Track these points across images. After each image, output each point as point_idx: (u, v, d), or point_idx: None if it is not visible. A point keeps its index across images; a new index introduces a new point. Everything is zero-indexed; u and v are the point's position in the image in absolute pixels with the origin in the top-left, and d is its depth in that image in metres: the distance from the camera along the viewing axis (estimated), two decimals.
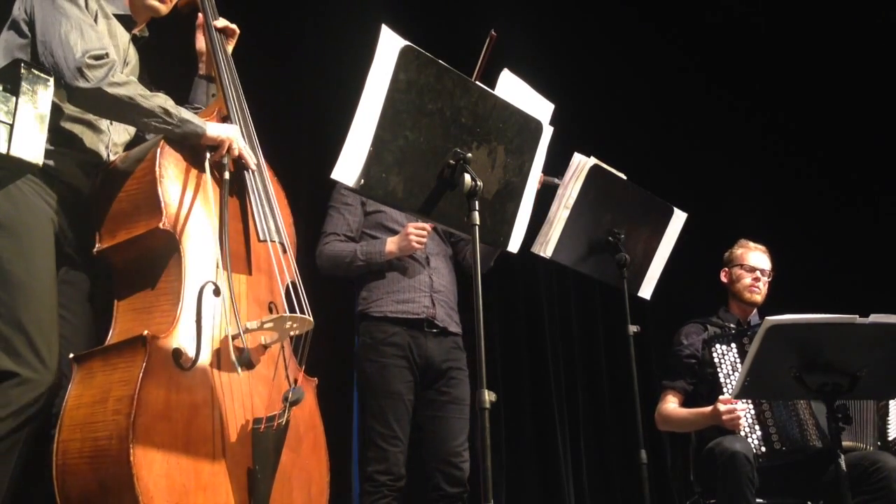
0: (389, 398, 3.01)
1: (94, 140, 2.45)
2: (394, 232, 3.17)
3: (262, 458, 2.24)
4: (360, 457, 3.34)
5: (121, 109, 2.29)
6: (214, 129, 2.43)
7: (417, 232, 3.07)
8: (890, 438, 3.32)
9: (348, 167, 1.98)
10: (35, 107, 2.15)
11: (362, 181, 1.99)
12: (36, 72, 2.16)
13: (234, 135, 2.46)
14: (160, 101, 2.33)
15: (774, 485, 3.18)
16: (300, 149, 4.24)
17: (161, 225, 2.28)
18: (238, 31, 2.77)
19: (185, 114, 2.39)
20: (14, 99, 2.11)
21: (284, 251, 2.48)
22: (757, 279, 3.59)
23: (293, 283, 2.44)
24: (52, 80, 2.19)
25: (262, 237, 2.44)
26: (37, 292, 2.20)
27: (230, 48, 2.74)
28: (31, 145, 2.14)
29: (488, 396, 1.98)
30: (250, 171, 2.51)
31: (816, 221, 5.43)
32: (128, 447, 2.01)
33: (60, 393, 2.21)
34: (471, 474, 3.06)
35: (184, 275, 2.28)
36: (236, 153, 2.45)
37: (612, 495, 5.18)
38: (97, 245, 2.37)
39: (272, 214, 2.48)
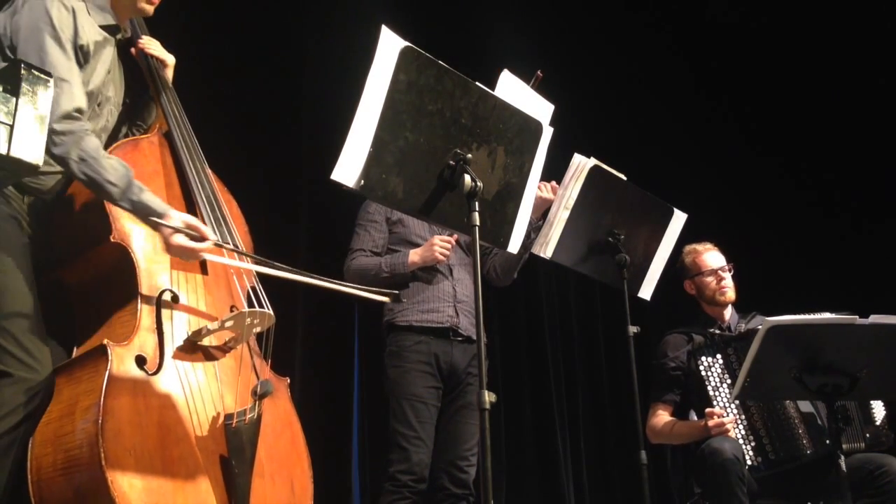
0: (411, 400, 3.06)
1: None
2: (417, 246, 3.24)
3: (238, 452, 2.25)
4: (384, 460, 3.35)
5: (82, 182, 2.24)
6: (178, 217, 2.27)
7: (442, 244, 3.15)
8: (878, 423, 3.30)
9: (348, 168, 1.97)
10: (35, 107, 2.14)
11: (362, 182, 1.99)
12: (36, 72, 2.15)
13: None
14: (120, 187, 2.21)
15: (774, 487, 3.18)
16: (300, 150, 4.24)
17: (112, 238, 2.29)
18: (172, 61, 2.74)
19: (147, 196, 2.25)
20: (14, 99, 2.10)
21: (240, 255, 2.46)
22: (721, 278, 3.59)
23: (252, 286, 2.46)
24: (52, 80, 2.18)
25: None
26: (17, 294, 2.19)
27: (169, 73, 2.72)
28: (31, 146, 2.14)
29: (488, 397, 1.98)
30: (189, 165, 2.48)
31: (814, 222, 5.43)
32: (98, 452, 2.02)
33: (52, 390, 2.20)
34: None
35: (140, 284, 2.30)
36: None
37: (612, 495, 5.18)
38: (55, 272, 2.37)
39: (223, 220, 2.49)
